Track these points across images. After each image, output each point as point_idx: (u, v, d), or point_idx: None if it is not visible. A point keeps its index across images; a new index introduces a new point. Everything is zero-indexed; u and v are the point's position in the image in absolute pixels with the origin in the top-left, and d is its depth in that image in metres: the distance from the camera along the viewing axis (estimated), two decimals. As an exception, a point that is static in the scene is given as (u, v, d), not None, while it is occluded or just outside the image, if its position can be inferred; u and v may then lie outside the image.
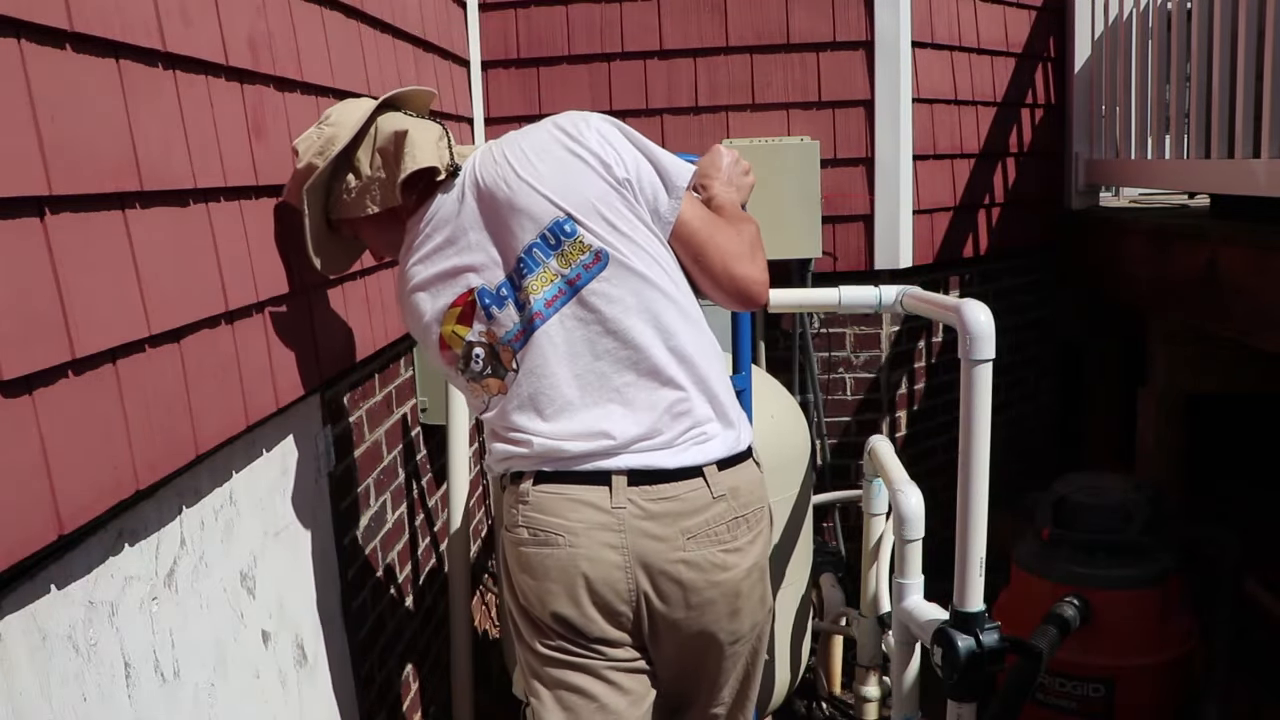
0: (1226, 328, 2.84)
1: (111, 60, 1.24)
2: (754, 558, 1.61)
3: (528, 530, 1.57)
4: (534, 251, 1.54)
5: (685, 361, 1.56)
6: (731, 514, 1.57)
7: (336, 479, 2.00)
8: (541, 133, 1.58)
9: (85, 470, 1.14)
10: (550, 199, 1.53)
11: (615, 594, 1.54)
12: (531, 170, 1.54)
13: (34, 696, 1.10)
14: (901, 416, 3.73)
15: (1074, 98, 4.08)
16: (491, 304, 1.58)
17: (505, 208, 1.55)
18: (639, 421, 1.54)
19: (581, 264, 1.53)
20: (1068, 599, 2.47)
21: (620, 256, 1.53)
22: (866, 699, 2.70)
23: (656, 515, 1.53)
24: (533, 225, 1.53)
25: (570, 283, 1.53)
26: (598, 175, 1.53)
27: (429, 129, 1.64)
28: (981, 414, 1.87)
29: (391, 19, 2.32)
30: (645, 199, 1.57)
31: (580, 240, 1.52)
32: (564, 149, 1.54)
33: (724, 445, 1.58)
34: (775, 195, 3.19)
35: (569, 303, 1.54)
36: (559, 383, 1.55)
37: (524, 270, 1.55)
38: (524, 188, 1.54)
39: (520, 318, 1.56)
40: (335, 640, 1.96)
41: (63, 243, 1.12)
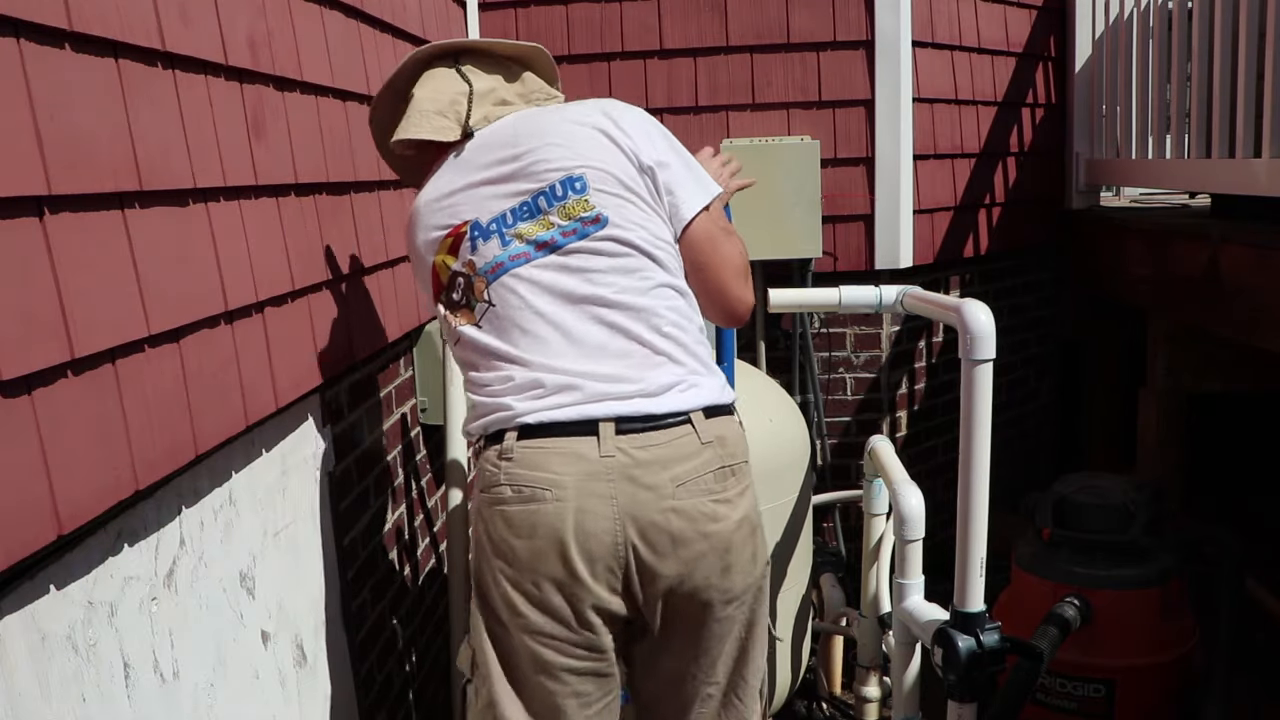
0: (1227, 327, 2.84)
1: (111, 60, 1.24)
2: (744, 510, 1.60)
3: (511, 488, 1.53)
4: (540, 199, 1.58)
5: (666, 325, 1.57)
6: (719, 462, 1.56)
7: (336, 479, 1.99)
8: (585, 106, 1.67)
9: (84, 470, 1.14)
10: (572, 154, 1.59)
11: (605, 549, 1.51)
12: (564, 132, 1.61)
13: (33, 697, 1.10)
14: (902, 416, 3.73)
15: (1074, 97, 4.08)
16: (479, 236, 1.60)
17: (526, 154, 1.60)
18: (618, 366, 1.54)
19: (580, 219, 1.57)
20: (1068, 599, 2.47)
21: (619, 224, 1.57)
22: (867, 699, 2.69)
23: (645, 463, 1.52)
24: (548, 174, 1.58)
25: (565, 234, 1.57)
26: (624, 154, 1.60)
27: (442, 92, 1.68)
28: (982, 414, 1.87)
29: (391, 18, 2.32)
30: (664, 192, 1.62)
31: (586, 199, 1.57)
32: (600, 123, 1.62)
33: (709, 394, 1.59)
34: (775, 195, 3.19)
35: (556, 252, 1.57)
36: (536, 319, 1.56)
37: (524, 213, 1.59)
38: (550, 144, 1.60)
39: (503, 253, 1.58)
40: (335, 640, 1.96)
41: (62, 243, 1.12)
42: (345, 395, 2.08)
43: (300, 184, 1.78)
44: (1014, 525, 2.76)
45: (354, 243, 2.03)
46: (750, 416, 2.22)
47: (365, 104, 2.13)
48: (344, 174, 1.98)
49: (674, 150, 1.67)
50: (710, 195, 1.67)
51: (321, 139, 1.89)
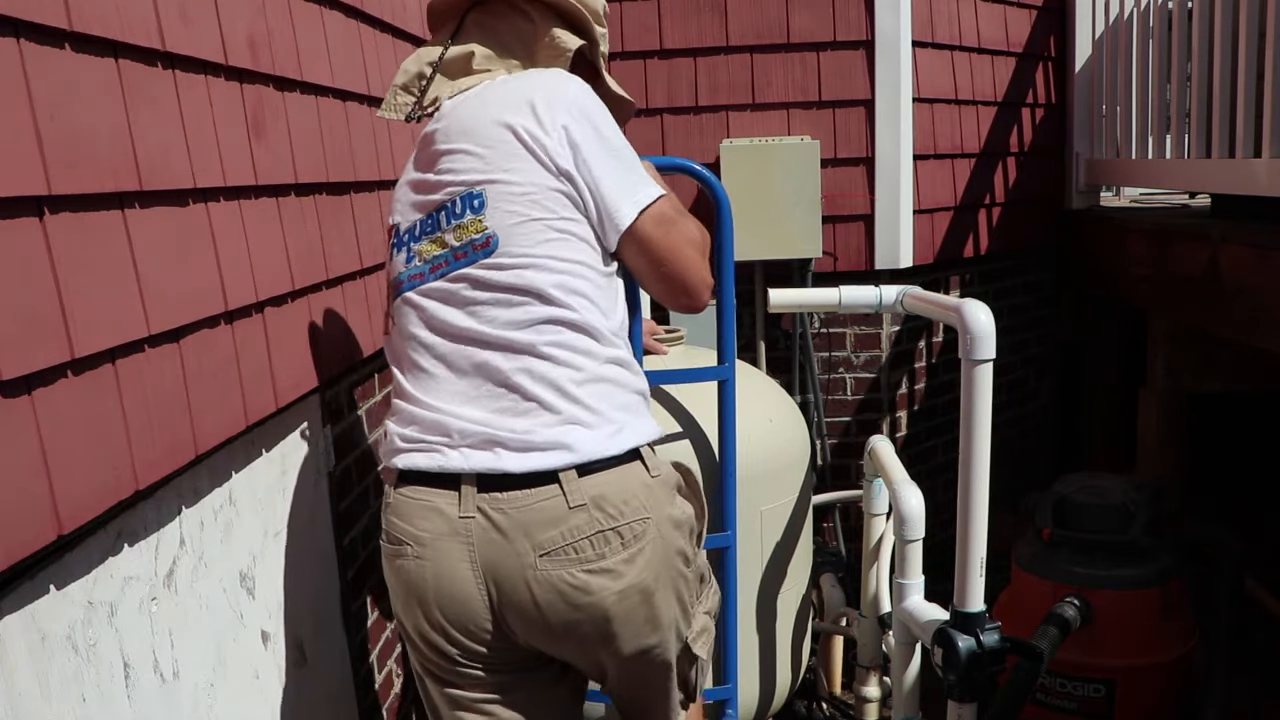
0: (1227, 327, 2.84)
1: (111, 60, 1.24)
2: (633, 577, 1.42)
3: (387, 537, 1.47)
4: (441, 214, 1.47)
5: (544, 365, 1.42)
6: (595, 526, 1.39)
7: (336, 479, 1.99)
8: (522, 88, 1.49)
9: (84, 470, 1.14)
10: (481, 163, 1.44)
11: (470, 612, 1.42)
12: (482, 134, 1.45)
13: (33, 697, 1.10)
14: (902, 416, 3.73)
15: (1074, 97, 4.08)
16: (396, 244, 1.53)
17: (446, 156, 1.48)
18: (487, 413, 1.41)
19: (470, 242, 1.44)
20: (1068, 599, 2.47)
21: (511, 250, 1.42)
22: (867, 699, 2.69)
23: (505, 528, 1.38)
24: (452, 186, 1.46)
25: (457, 256, 1.45)
26: (540, 159, 1.43)
27: (422, 59, 1.59)
28: (982, 414, 1.87)
29: (391, 18, 2.32)
30: (591, 198, 1.46)
31: (481, 219, 1.43)
32: (519, 121, 1.44)
33: (588, 446, 1.40)
34: (775, 195, 3.19)
35: (444, 278, 1.46)
36: (420, 350, 1.48)
37: (427, 228, 1.49)
38: (464, 149, 1.46)
39: (405, 269, 1.51)
40: (335, 640, 1.96)
41: (62, 242, 1.12)
42: (345, 395, 2.08)
43: (300, 184, 1.78)
44: (1014, 525, 2.76)
45: (354, 243, 2.03)
46: (750, 417, 2.23)
47: (365, 104, 2.13)
48: (344, 174, 1.98)
49: (605, 147, 1.47)
50: (647, 198, 1.49)
51: (321, 139, 1.89)
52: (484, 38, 1.58)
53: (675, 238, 1.53)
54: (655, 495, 1.45)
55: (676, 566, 1.49)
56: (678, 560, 1.49)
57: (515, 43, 1.59)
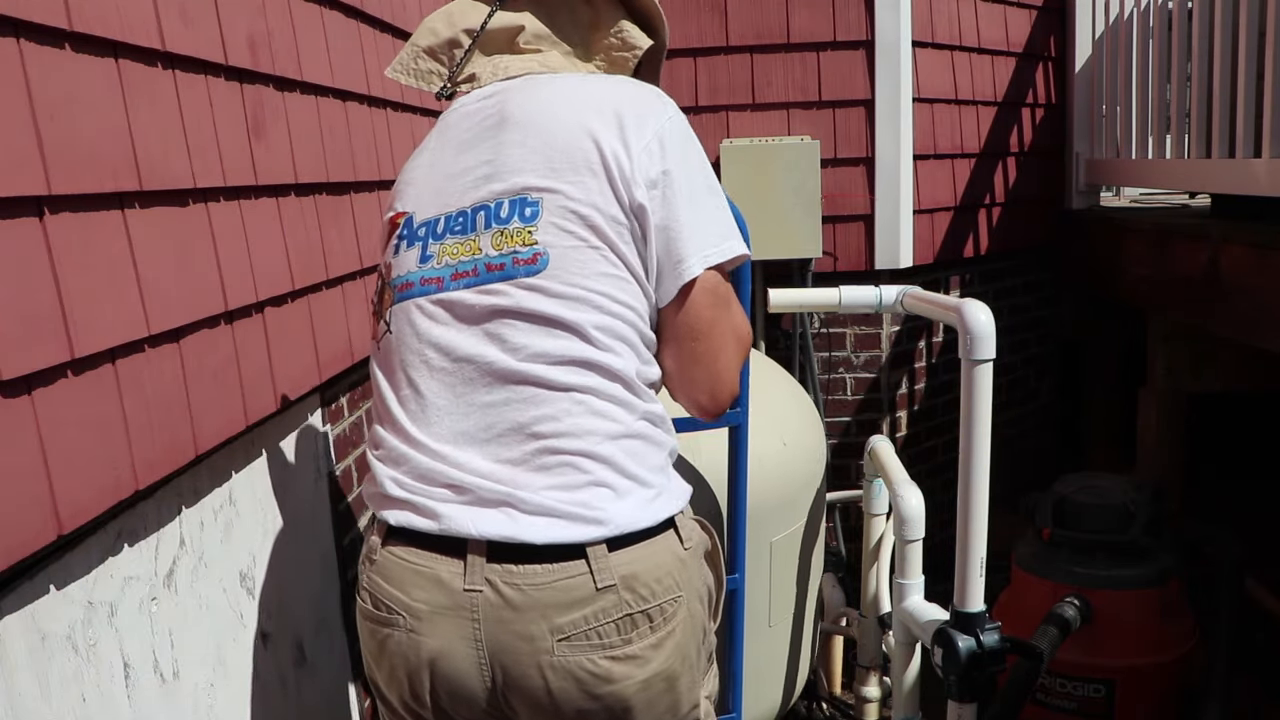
0: (1227, 327, 2.84)
1: (111, 60, 1.24)
2: (658, 665, 1.22)
3: (370, 598, 1.25)
4: (479, 214, 1.25)
5: (579, 414, 1.20)
6: (623, 610, 1.18)
7: (336, 479, 1.99)
8: (608, 93, 1.29)
9: (84, 470, 1.14)
10: (542, 164, 1.23)
11: (468, 694, 1.22)
12: (549, 129, 1.24)
13: (33, 697, 1.10)
14: (902, 416, 3.73)
15: (1074, 97, 4.08)
16: (406, 238, 1.31)
17: (496, 145, 1.27)
18: (503, 465, 1.19)
19: (513, 254, 1.21)
20: (1068, 599, 2.47)
21: (561, 275, 1.20)
22: (867, 699, 2.69)
23: (520, 606, 1.17)
24: (499, 183, 1.25)
25: (490, 267, 1.22)
26: (612, 183, 1.22)
27: (455, 22, 1.38)
28: (982, 414, 1.87)
29: (391, 19, 2.32)
30: (658, 240, 1.24)
31: (531, 230, 1.21)
32: (600, 130, 1.23)
33: (623, 516, 1.19)
34: (775, 195, 3.19)
35: (473, 288, 1.23)
36: (423, 372, 1.24)
37: (457, 225, 1.26)
38: (523, 143, 1.25)
39: (417, 270, 1.28)
40: (335, 641, 1.96)
41: (62, 242, 1.12)
42: (345, 395, 2.08)
43: (300, 184, 1.78)
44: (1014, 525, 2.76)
45: (354, 243, 2.03)
46: (762, 436, 2.03)
47: (365, 104, 2.13)
48: (344, 174, 1.98)
49: (693, 184, 1.26)
50: (725, 254, 1.27)
51: (321, 139, 1.89)
52: (537, 12, 1.38)
53: (723, 319, 1.30)
54: (688, 570, 1.26)
55: (698, 644, 1.31)
56: (700, 637, 1.32)
57: (571, 27, 1.39)
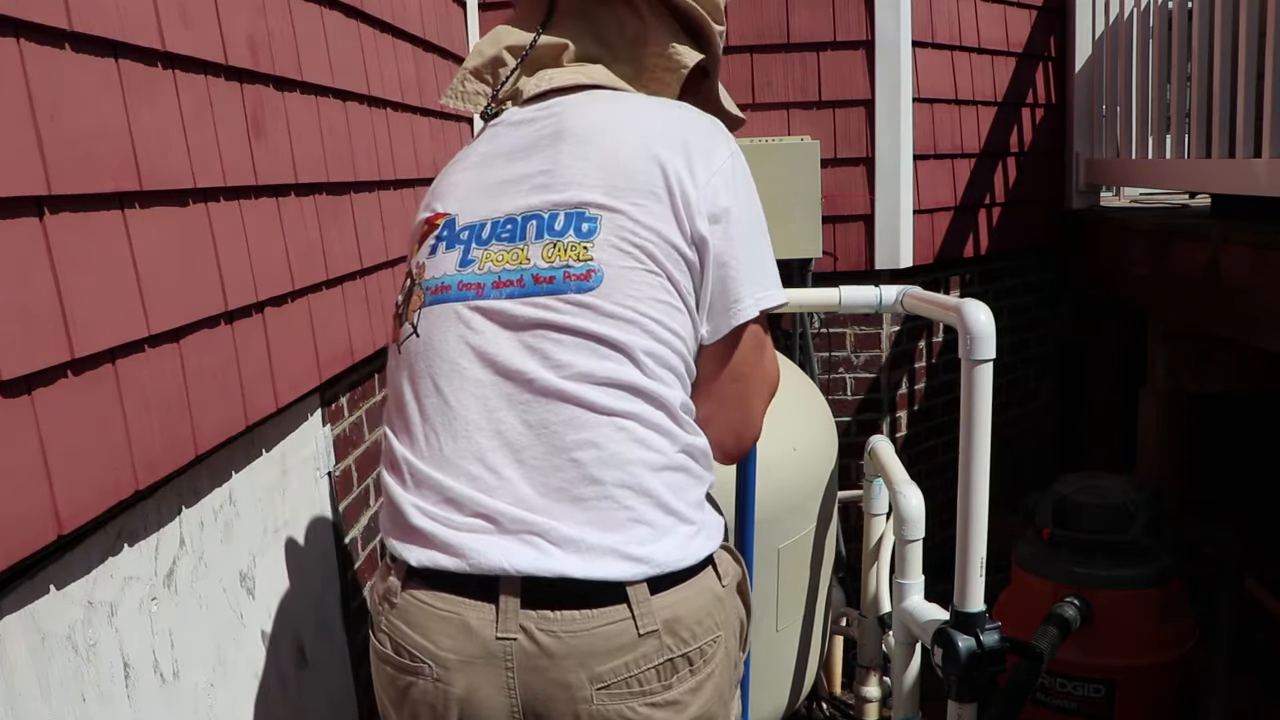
0: (1227, 327, 2.84)
1: (111, 60, 1.24)
2: (697, 709, 1.17)
3: (390, 643, 1.18)
4: (530, 222, 1.19)
5: (621, 443, 1.14)
6: (664, 655, 1.13)
7: (336, 479, 1.99)
8: (671, 122, 1.24)
9: (84, 470, 1.14)
10: (603, 180, 1.18)
11: None
12: (611, 147, 1.20)
13: (33, 697, 1.10)
14: (902, 416, 3.73)
15: (1074, 97, 4.08)
16: (445, 239, 1.24)
17: (552, 154, 1.22)
18: (539, 492, 1.12)
19: (565, 268, 1.15)
20: (1068, 599, 2.47)
21: (614, 295, 1.15)
22: (867, 699, 2.69)
23: (557, 654, 1.10)
24: (555, 194, 1.19)
25: (538, 279, 1.16)
26: (676, 211, 1.17)
27: (500, 42, 1.34)
28: (982, 414, 1.86)
29: (391, 19, 2.32)
30: (714, 278, 1.20)
31: (587, 247, 1.16)
32: (668, 158, 1.19)
33: (664, 554, 1.13)
34: (775, 195, 3.19)
35: (516, 299, 1.16)
36: (456, 384, 1.17)
37: (504, 231, 1.20)
38: (583, 156, 1.20)
39: (455, 273, 1.21)
40: (335, 640, 1.96)
41: (62, 242, 1.12)
42: (345, 395, 2.08)
43: (300, 184, 1.78)
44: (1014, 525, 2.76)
45: (354, 243, 2.03)
46: (772, 442, 1.93)
47: (365, 104, 2.13)
48: (344, 174, 1.98)
49: (751, 224, 1.23)
50: (770, 300, 1.24)
51: (321, 139, 1.89)
52: (584, 30, 1.33)
53: (761, 363, 1.28)
54: (725, 608, 1.21)
55: (731, 681, 1.27)
56: (733, 672, 1.28)
57: (619, 42, 1.34)
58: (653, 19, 1.34)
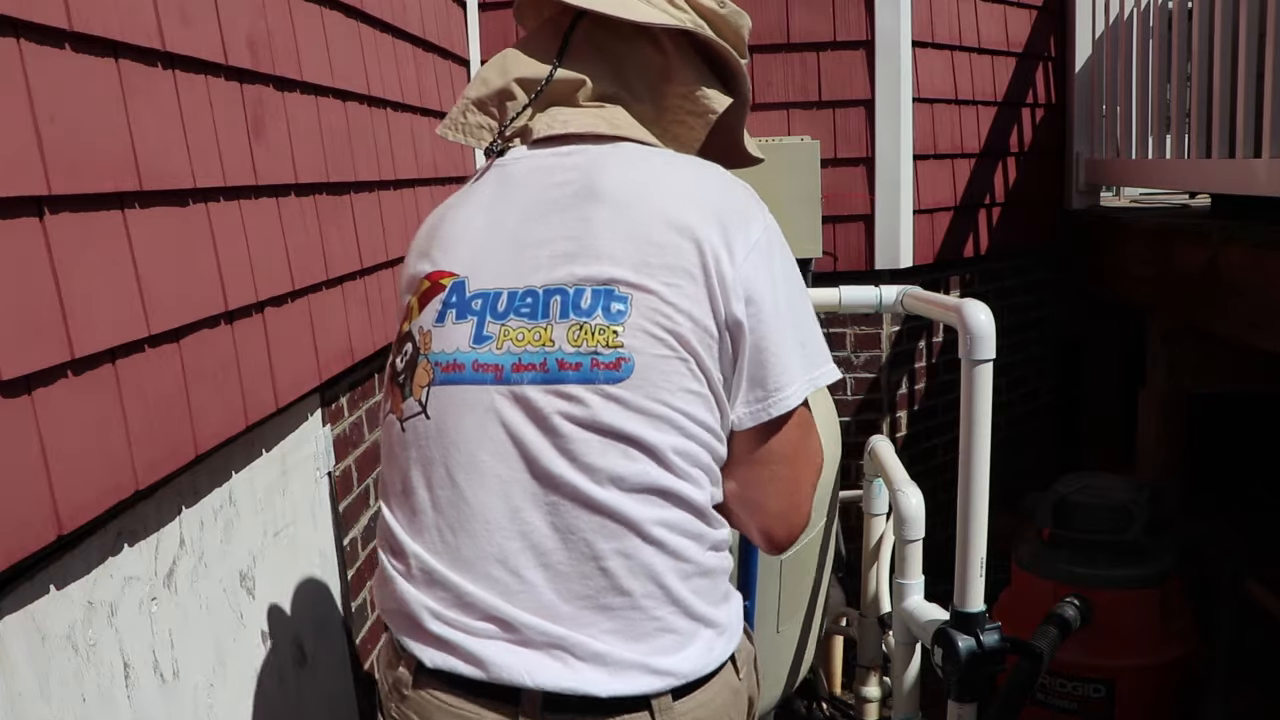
0: (1227, 327, 2.84)
1: (111, 60, 1.24)
2: None
3: None
4: (554, 298, 1.08)
5: (647, 551, 1.08)
6: None
7: (336, 479, 1.99)
8: (705, 192, 1.14)
9: (84, 470, 1.14)
10: (633, 255, 1.08)
11: None
12: (642, 220, 1.09)
13: (33, 697, 1.10)
14: (902, 416, 3.73)
15: (1074, 97, 4.08)
16: (455, 306, 1.13)
17: (577, 220, 1.11)
18: (562, 599, 1.06)
19: (593, 355, 1.06)
20: (1068, 599, 2.47)
21: (643, 388, 1.06)
22: (867, 699, 2.69)
23: None
24: (582, 268, 1.09)
25: (562, 364, 1.06)
26: (711, 294, 1.08)
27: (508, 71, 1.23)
28: (982, 414, 1.86)
29: (391, 19, 2.32)
30: (748, 364, 1.11)
31: (617, 331, 1.06)
32: (704, 234, 1.09)
33: (691, 661, 1.10)
34: (775, 195, 3.18)
35: (540, 385, 1.07)
36: (472, 478, 1.08)
37: (525, 306, 1.09)
38: (611, 229, 1.09)
39: (469, 351, 1.10)
40: (335, 640, 1.96)
41: (62, 243, 1.12)
42: (345, 395, 2.08)
43: (300, 184, 1.78)
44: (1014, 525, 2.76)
45: (354, 243, 2.03)
46: None
47: (365, 104, 2.13)
48: (344, 174, 1.98)
49: (791, 301, 1.14)
50: (824, 380, 1.16)
51: (321, 139, 1.89)
52: (602, 65, 1.22)
53: (807, 443, 1.19)
54: (740, 699, 1.19)
55: None
56: None
57: (640, 80, 1.23)
58: (677, 56, 1.24)
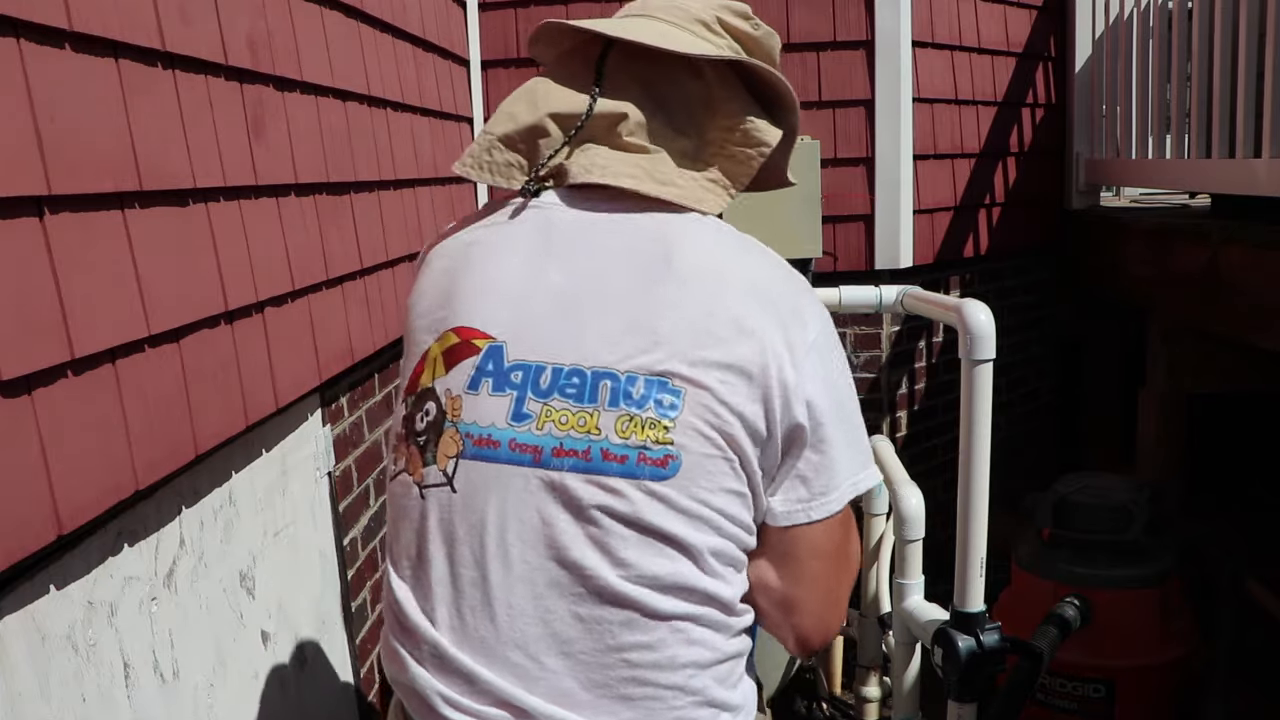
0: (1227, 327, 2.84)
1: (111, 60, 1.24)
2: None
3: None
4: (603, 381, 1.01)
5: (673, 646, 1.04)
6: None
7: (336, 479, 2.00)
8: (754, 276, 1.08)
9: (84, 470, 1.14)
10: (691, 345, 1.01)
11: None
12: (707, 307, 1.03)
13: (33, 697, 1.10)
14: (902, 416, 3.73)
15: (1074, 97, 4.08)
16: (492, 375, 1.05)
17: (629, 295, 1.04)
18: (581, 679, 1.02)
19: (641, 450, 1.00)
20: (1068, 599, 2.47)
21: (688, 489, 1.01)
22: (867, 699, 2.69)
23: None
24: (640, 350, 1.02)
25: (607, 455, 1.00)
26: (766, 403, 1.03)
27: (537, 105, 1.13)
28: (982, 414, 1.86)
29: (391, 19, 2.32)
30: (791, 469, 1.07)
31: (668, 427, 1.00)
32: (769, 336, 1.03)
33: None
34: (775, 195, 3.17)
35: (581, 474, 1.00)
36: (500, 565, 1.02)
37: (571, 386, 1.02)
38: (676, 308, 1.03)
39: (506, 429, 1.03)
40: (335, 640, 1.96)
41: (62, 243, 1.12)
42: (345, 395, 2.08)
43: (300, 184, 1.78)
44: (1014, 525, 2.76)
45: (354, 243, 2.03)
46: None
47: (365, 104, 2.13)
48: (344, 174, 1.98)
49: (844, 402, 1.10)
50: (868, 483, 1.12)
51: (321, 139, 1.89)
52: (641, 95, 1.13)
53: (848, 539, 1.15)
54: None
55: None
56: None
57: (682, 111, 1.15)
58: (719, 86, 1.16)
